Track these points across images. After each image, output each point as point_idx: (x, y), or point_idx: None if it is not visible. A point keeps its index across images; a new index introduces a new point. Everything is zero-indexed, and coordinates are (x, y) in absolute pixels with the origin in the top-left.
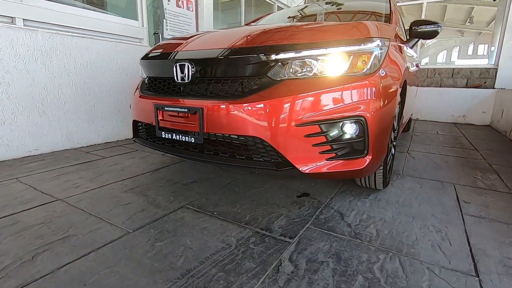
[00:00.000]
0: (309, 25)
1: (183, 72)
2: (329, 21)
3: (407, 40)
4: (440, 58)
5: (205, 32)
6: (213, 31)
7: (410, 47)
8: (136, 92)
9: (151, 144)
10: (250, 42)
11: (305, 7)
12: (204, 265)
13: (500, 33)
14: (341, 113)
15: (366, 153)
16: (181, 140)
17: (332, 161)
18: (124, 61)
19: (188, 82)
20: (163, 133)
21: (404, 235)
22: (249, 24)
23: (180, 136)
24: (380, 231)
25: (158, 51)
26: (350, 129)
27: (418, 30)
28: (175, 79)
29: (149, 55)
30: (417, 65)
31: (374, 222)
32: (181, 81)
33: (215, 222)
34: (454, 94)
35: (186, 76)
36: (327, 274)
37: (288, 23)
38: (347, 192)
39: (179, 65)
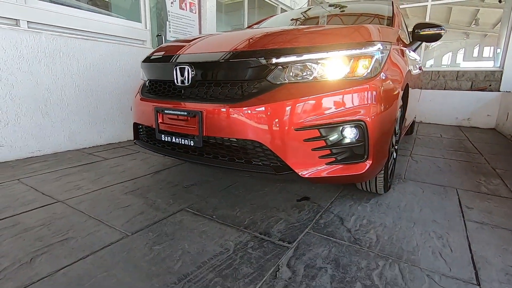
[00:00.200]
0: (310, 28)
1: (183, 75)
2: (331, 24)
3: (410, 43)
4: (445, 60)
5: (206, 35)
6: (214, 34)
7: (413, 50)
8: (137, 95)
9: (151, 146)
10: (250, 46)
11: (308, 9)
12: (201, 269)
13: (506, 35)
14: (341, 117)
15: (366, 157)
16: (180, 143)
17: (332, 165)
18: (127, 63)
19: (188, 85)
20: (163, 136)
21: (405, 241)
22: (251, 27)
23: (180, 139)
24: (380, 237)
25: (158, 54)
26: (350, 134)
27: (421, 33)
28: (175, 82)
29: (150, 58)
30: (420, 68)
31: (375, 227)
32: (181, 84)
33: (214, 225)
34: (459, 96)
35: (186, 79)
36: (325, 281)
37: (290, 26)
38: (347, 197)
39: (179, 68)
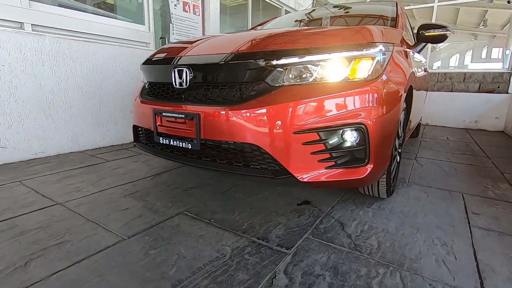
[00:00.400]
0: (310, 30)
1: (181, 77)
2: (335, 26)
3: (414, 44)
4: (453, 61)
5: (206, 37)
6: (214, 36)
7: (418, 51)
8: (136, 97)
9: (150, 149)
10: (248, 48)
11: (312, 10)
12: (196, 275)
13: None
14: (340, 120)
15: (367, 161)
16: (179, 146)
17: (332, 169)
18: (130, 65)
19: (186, 87)
20: (161, 138)
21: (407, 248)
22: (255, 28)
23: (178, 142)
24: (381, 243)
25: (157, 57)
26: (350, 137)
27: (426, 34)
28: (174, 84)
29: (149, 60)
30: (425, 70)
31: (376, 233)
32: (179, 86)
33: (211, 230)
34: (466, 99)
35: (184, 81)
36: None
37: (291, 27)
38: (349, 201)
39: (177, 70)
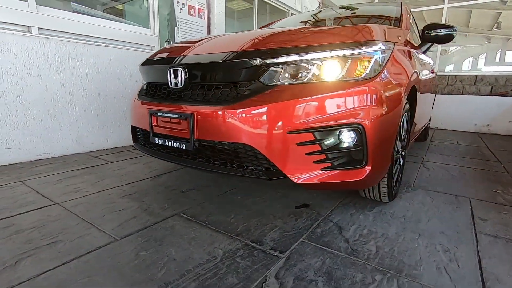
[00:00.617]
0: (308, 28)
1: (176, 77)
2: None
3: (419, 44)
4: (466, 65)
5: (203, 38)
6: (211, 36)
7: (423, 52)
8: (135, 98)
9: (147, 150)
10: (242, 47)
11: (318, 11)
12: (185, 278)
13: None
14: (336, 120)
15: (365, 163)
16: (174, 147)
17: (328, 171)
18: (135, 68)
19: (181, 87)
20: (157, 139)
21: (407, 253)
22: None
23: (173, 142)
24: (380, 248)
25: (154, 57)
26: (346, 138)
27: (431, 34)
28: (169, 84)
29: (147, 61)
30: (432, 71)
31: (375, 238)
32: (174, 86)
33: (205, 232)
34: (478, 102)
35: (179, 81)
36: None
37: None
38: (350, 204)
39: (172, 70)
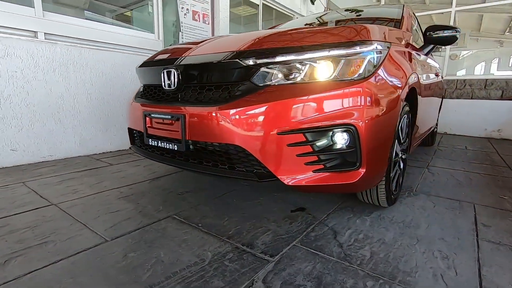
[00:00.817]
0: (302, 29)
1: (169, 79)
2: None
3: (421, 46)
4: (478, 70)
5: (200, 41)
6: (207, 39)
7: (425, 53)
8: (132, 100)
9: (143, 151)
10: (234, 48)
11: (323, 14)
12: (170, 280)
13: None
14: (328, 121)
15: (358, 165)
16: (167, 148)
17: (320, 173)
18: None
19: (174, 88)
20: (150, 140)
21: (403, 259)
22: None
23: (166, 144)
24: (374, 254)
25: (150, 60)
26: (339, 139)
27: (434, 35)
28: (163, 86)
29: (143, 63)
30: (437, 74)
31: (371, 243)
32: (168, 87)
33: (196, 234)
34: (488, 106)
35: (173, 83)
36: None
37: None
38: (347, 209)
39: (166, 71)
